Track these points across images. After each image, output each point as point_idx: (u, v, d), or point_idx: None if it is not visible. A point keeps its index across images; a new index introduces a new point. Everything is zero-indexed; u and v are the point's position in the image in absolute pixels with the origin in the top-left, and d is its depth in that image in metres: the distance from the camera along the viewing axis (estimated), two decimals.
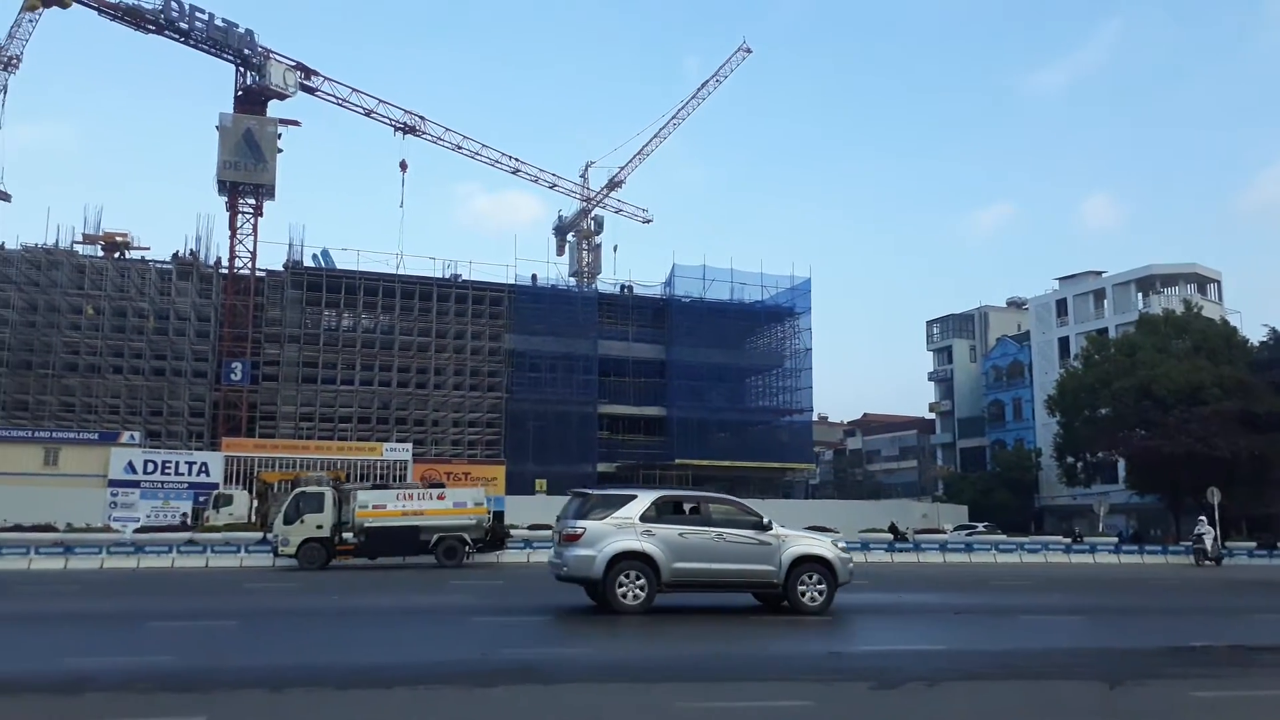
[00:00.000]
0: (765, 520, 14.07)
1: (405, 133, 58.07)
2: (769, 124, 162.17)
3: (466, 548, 25.31)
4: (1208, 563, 32.79)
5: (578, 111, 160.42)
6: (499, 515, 27.57)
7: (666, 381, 57.37)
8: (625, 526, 13.31)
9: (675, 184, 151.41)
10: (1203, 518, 34.70)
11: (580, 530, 13.29)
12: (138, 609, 15.52)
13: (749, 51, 67.14)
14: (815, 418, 66.65)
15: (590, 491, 14.75)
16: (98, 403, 48.61)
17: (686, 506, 14.27)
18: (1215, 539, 34.27)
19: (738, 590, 14.53)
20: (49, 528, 27.08)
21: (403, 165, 58.06)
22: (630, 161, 68.31)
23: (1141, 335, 48.36)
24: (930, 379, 79.10)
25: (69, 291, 49.30)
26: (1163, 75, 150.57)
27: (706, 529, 13.68)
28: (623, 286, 60.57)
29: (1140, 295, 64.07)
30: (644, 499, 13.82)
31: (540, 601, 16.81)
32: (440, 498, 26.33)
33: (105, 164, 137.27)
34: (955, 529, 37.80)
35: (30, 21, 50.75)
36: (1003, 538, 35.61)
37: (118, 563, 24.93)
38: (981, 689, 8.99)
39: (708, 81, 67.50)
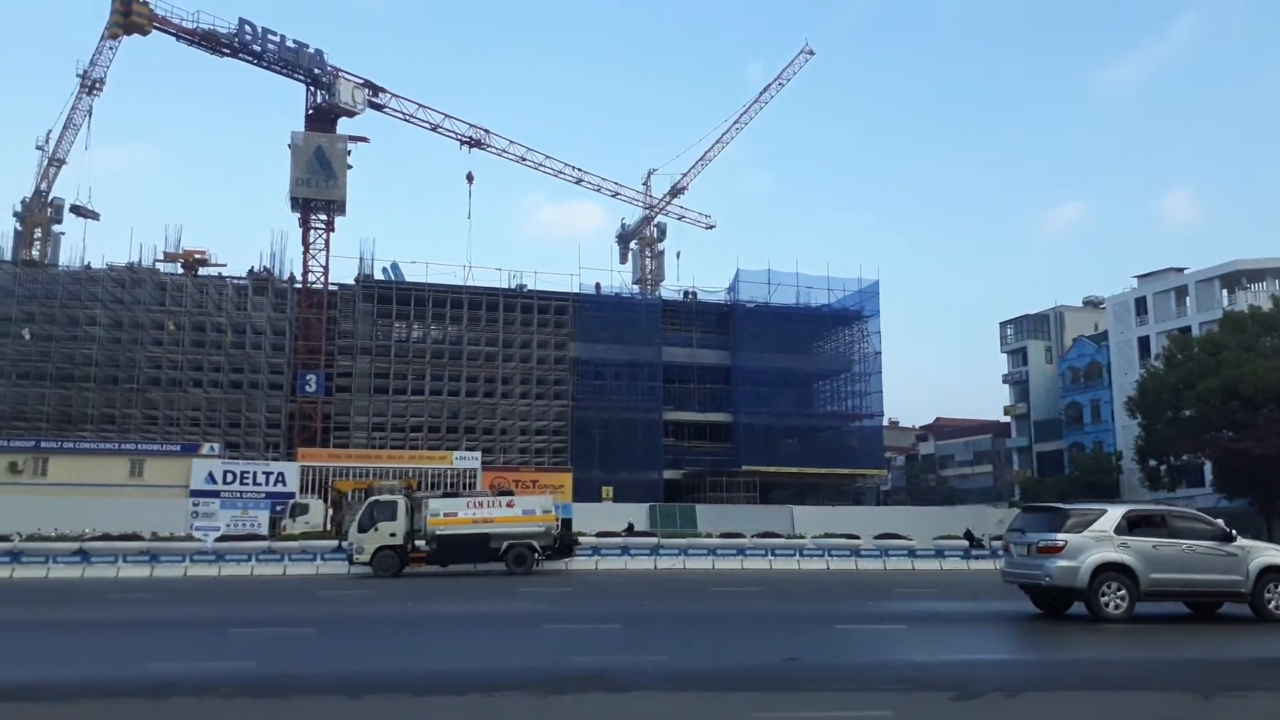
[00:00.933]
0: (1230, 532, 14.60)
1: (472, 146, 58.92)
2: (832, 126, 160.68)
3: (536, 555, 25.43)
4: None
5: (640, 119, 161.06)
6: (567, 523, 27.67)
7: (732, 387, 57.03)
8: (1102, 539, 13.97)
9: (738, 189, 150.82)
10: None
11: (1061, 543, 13.94)
12: (220, 615, 15.93)
13: (811, 54, 66.65)
14: (886, 422, 65.58)
15: (1063, 506, 15.59)
16: (179, 415, 50.22)
17: (1153, 519, 14.84)
18: None
19: (1208, 600, 14.79)
20: (135, 536, 27.99)
21: (469, 177, 58.99)
22: (692, 168, 68.35)
23: (1227, 333, 46.49)
24: (1004, 381, 77.25)
25: (151, 308, 51.07)
26: (1241, 66, 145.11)
27: (1177, 541, 14.21)
28: (686, 293, 60.47)
29: (1225, 292, 61.63)
30: (1114, 513, 14.55)
31: (610, 609, 16.80)
32: (509, 505, 26.51)
33: (184, 183, 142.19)
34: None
35: (110, 49, 52.88)
36: None
37: (200, 570, 25.64)
38: (1066, 700, 8.69)
39: (770, 85, 67.18)
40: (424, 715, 7.95)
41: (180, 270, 53.39)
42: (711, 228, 70.23)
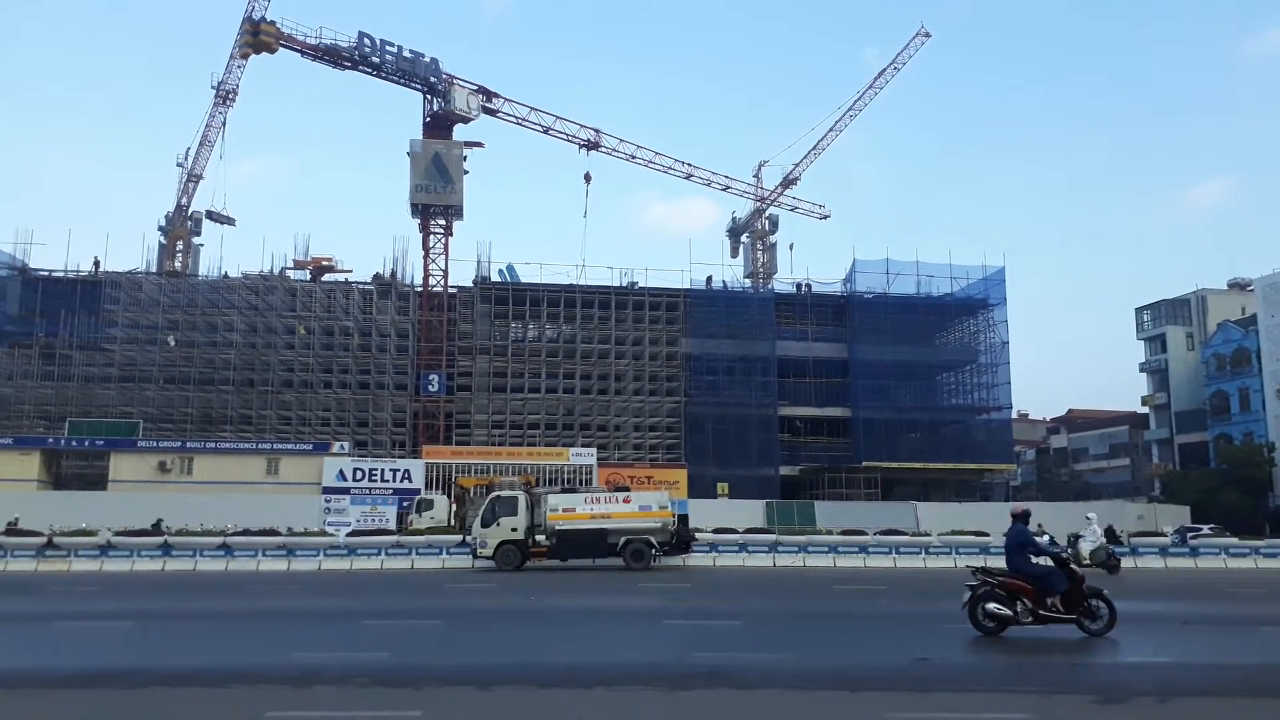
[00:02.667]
0: None
1: (590, 149, 59.51)
2: (950, 109, 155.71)
3: (653, 550, 25.45)
4: None
5: (750, 112, 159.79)
6: (683, 518, 27.57)
7: (850, 381, 55.83)
8: None
9: (852, 178, 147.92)
10: None
11: None
12: (353, 608, 16.51)
13: (928, 36, 64.68)
14: (1014, 415, 63.06)
15: None
16: (311, 415, 52.55)
17: None
18: None
19: None
20: (273, 532, 29.31)
21: (587, 177, 59.66)
22: (805, 158, 67.32)
23: None
24: (1142, 370, 73.34)
25: (283, 314, 53.60)
26: None
27: None
28: (800, 285, 59.58)
29: None
30: None
31: (730, 606, 16.66)
32: (626, 501, 26.58)
33: (311, 193, 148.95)
34: (1175, 531, 34.59)
35: (239, 68, 55.78)
36: (1234, 541, 32.24)
37: (333, 564, 26.67)
38: (1219, 707, 8.12)
39: (885, 70, 65.48)
40: (552, 707, 8.02)
41: (309, 277, 55.87)
42: (826, 218, 69.08)
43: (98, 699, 8.25)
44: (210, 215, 60.70)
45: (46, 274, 53.52)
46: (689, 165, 63.49)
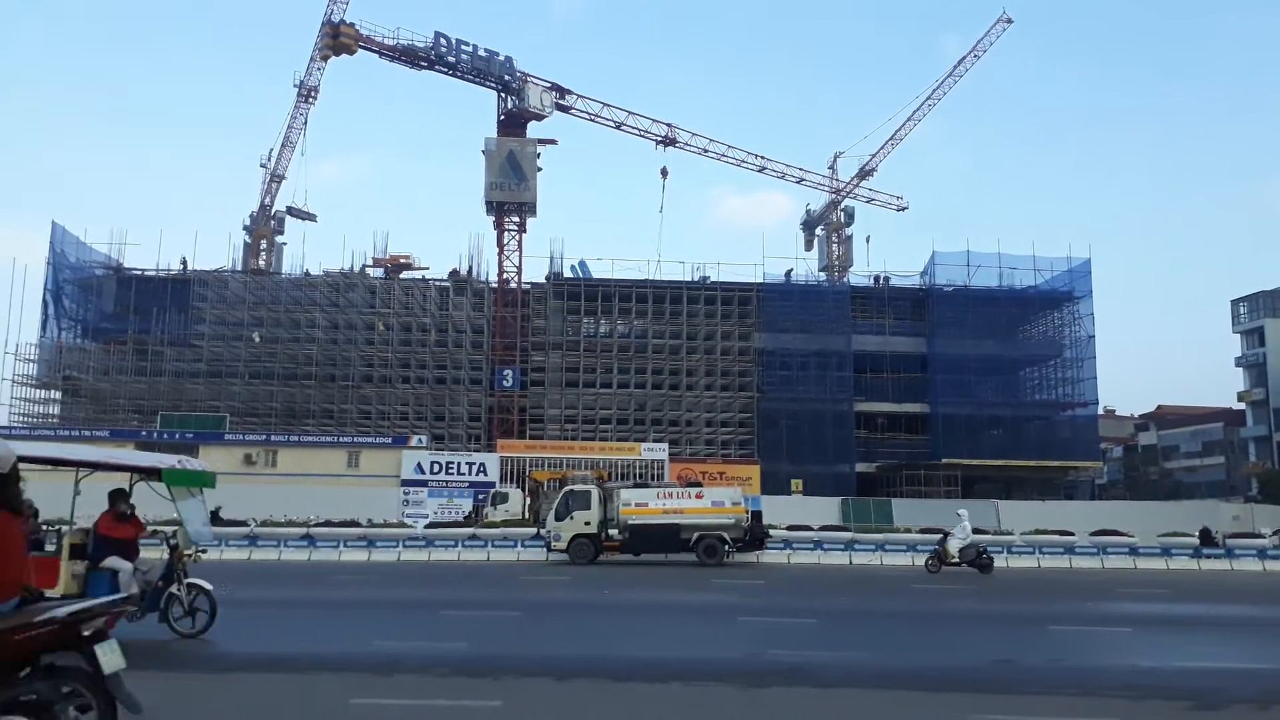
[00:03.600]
0: None
1: (669, 145, 59.50)
2: (1032, 97, 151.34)
3: (726, 547, 25.35)
4: None
5: (825, 102, 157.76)
6: (757, 515, 27.36)
7: (928, 376, 54.74)
8: None
9: (931, 168, 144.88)
10: None
11: None
12: (432, 598, 16.82)
13: (1009, 21, 62.95)
14: (1101, 411, 61.09)
15: None
16: (390, 410, 53.71)
17: None
18: None
19: None
20: (353, 523, 30.07)
21: (664, 172, 59.77)
22: (881, 148, 66.19)
23: None
24: (1238, 365, 70.34)
25: (363, 311, 54.88)
26: None
27: None
28: (876, 278, 58.64)
29: None
30: None
31: (805, 603, 16.48)
32: (699, 496, 26.51)
33: (389, 191, 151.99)
34: (1275, 533, 33.04)
35: (319, 70, 57.19)
36: None
37: (412, 555, 27.20)
38: None
39: (965, 57, 63.88)
40: (628, 701, 8.03)
41: (386, 274, 57.10)
42: (904, 209, 67.86)
43: (188, 683, 8.54)
44: (291, 211, 62.35)
45: (139, 273, 55.75)
46: (763, 158, 63.10)
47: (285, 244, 64.66)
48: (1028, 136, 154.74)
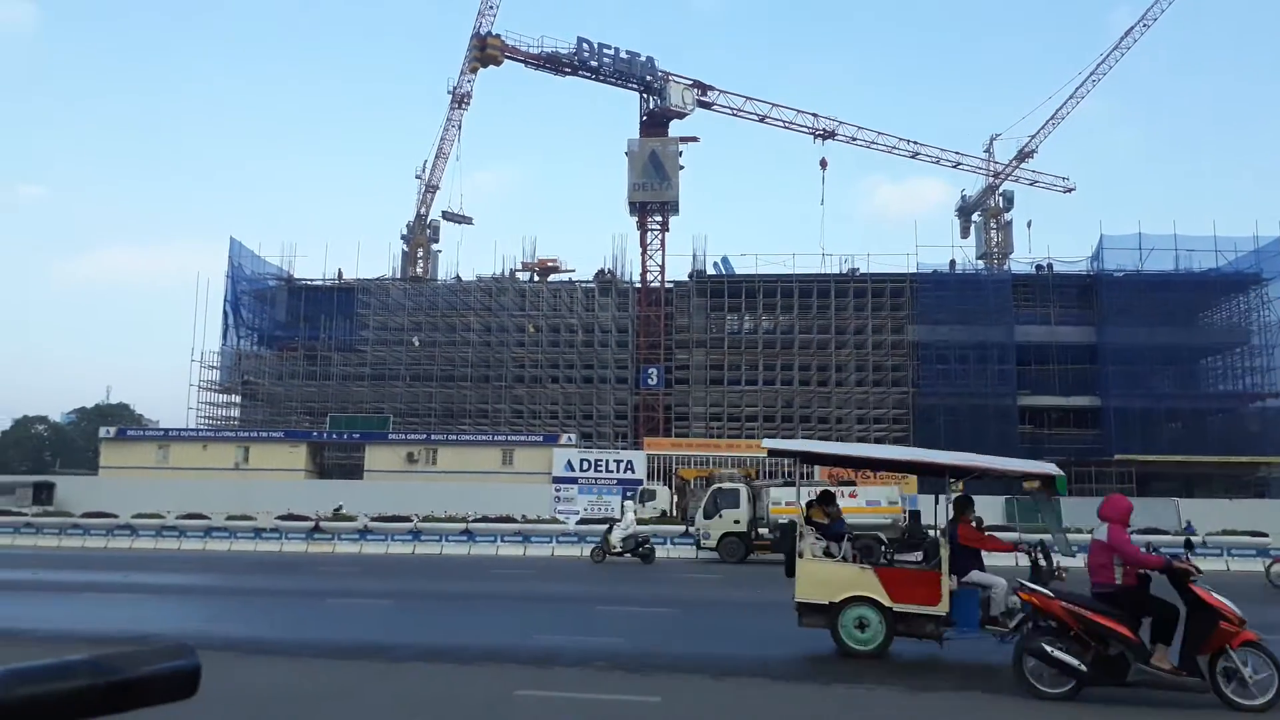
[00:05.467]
0: None
1: (826, 137, 58.51)
2: (1209, 66, 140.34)
3: (883, 547, 24.52)
4: None
5: (979, 83, 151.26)
6: (915, 514, 26.38)
7: (1099, 367, 51.45)
8: None
9: (1096, 148, 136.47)
10: None
11: None
12: (587, 593, 16.98)
13: None
14: None
15: None
16: (540, 409, 55.05)
17: None
18: None
19: None
20: (509, 519, 30.93)
21: (823, 163, 58.72)
22: (1041, 128, 62.78)
23: None
24: None
25: (514, 314, 56.46)
26: None
27: None
28: (1038, 265, 55.64)
29: None
30: None
31: None
32: (852, 495, 25.78)
33: (536, 197, 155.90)
34: None
35: (469, 81, 59.09)
36: None
37: (565, 550, 27.68)
38: None
39: (1133, 28, 59.75)
40: (788, 701, 7.78)
41: (530, 277, 58.57)
42: (1070, 190, 64.22)
43: (365, 670, 8.83)
44: (447, 215, 64.60)
45: (307, 283, 59.26)
46: (915, 144, 60.98)
47: (440, 251, 67.31)
48: (1203, 109, 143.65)
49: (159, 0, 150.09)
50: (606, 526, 25.43)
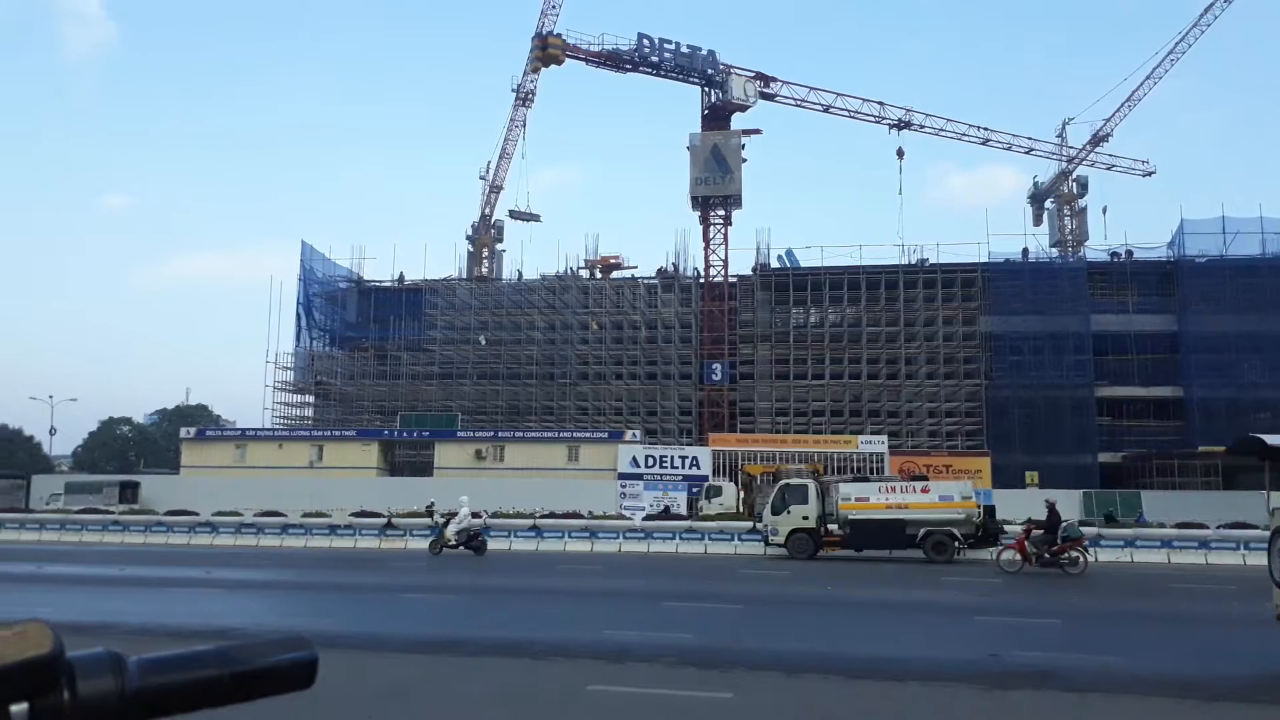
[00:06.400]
0: None
1: (899, 127, 57.52)
2: None
3: (956, 544, 24.11)
4: None
5: (1050, 66, 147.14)
6: (989, 510, 25.81)
7: (1180, 357, 49.68)
8: None
9: (1174, 130, 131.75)
10: None
11: None
12: (653, 589, 17.00)
13: None
14: None
15: None
16: (605, 405, 55.21)
17: None
18: None
19: None
20: (575, 515, 31.14)
21: (899, 153, 57.73)
22: (1116, 111, 60.64)
23: None
24: None
25: (577, 311, 56.73)
26: None
27: None
28: (1114, 253, 53.92)
29: None
30: None
31: (1047, 603, 15.41)
32: (924, 491, 25.40)
33: (598, 194, 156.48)
34: None
35: (531, 82, 59.51)
36: None
37: (631, 546, 27.78)
38: None
39: (1213, 4, 57.40)
40: (864, 699, 7.69)
41: (589, 274, 58.79)
42: (1150, 174, 62.03)
43: (441, 664, 8.99)
44: (514, 214, 65.07)
45: (377, 285, 60.43)
46: (985, 130, 59.47)
47: (504, 251, 67.97)
48: None
49: (228, 17, 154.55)
50: (444, 520, 25.70)
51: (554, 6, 55.51)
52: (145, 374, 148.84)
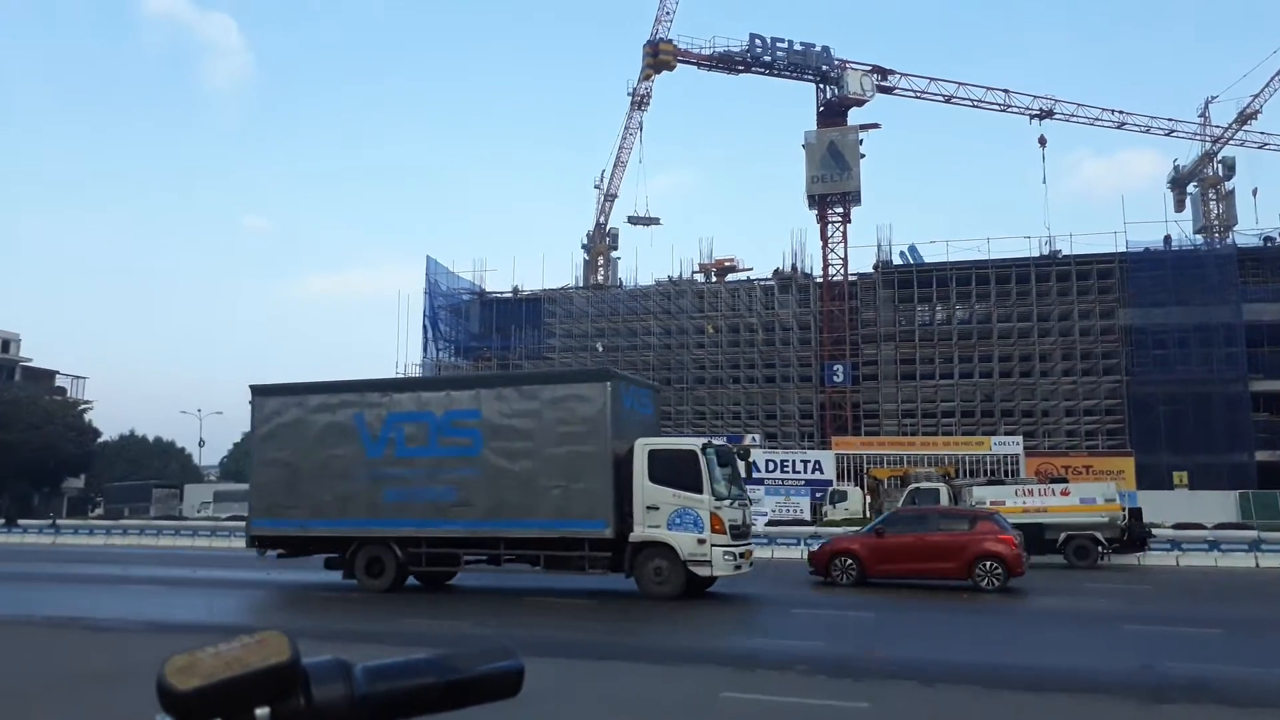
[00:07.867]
0: None
1: (1041, 117, 55.22)
2: None
3: (1100, 548, 22.95)
4: None
5: (1189, 43, 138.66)
6: (1136, 512, 24.50)
7: None
8: None
9: None
10: None
11: None
12: (780, 596, 16.75)
13: None
14: None
15: None
16: (723, 410, 55.03)
17: None
18: None
19: None
20: None
21: (1041, 140, 55.64)
22: (1266, 85, 56.48)
23: None
24: None
25: (692, 315, 56.81)
26: None
27: None
28: (1267, 238, 50.46)
29: None
30: None
31: (1204, 612, 14.54)
32: (1064, 493, 24.35)
33: (712, 197, 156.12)
34: None
35: (645, 89, 59.94)
36: None
37: (758, 553, 27.38)
38: None
39: None
40: (1005, 710, 7.40)
41: (704, 278, 58.69)
42: None
43: (574, 670, 9.04)
44: (633, 220, 65.52)
45: (498, 296, 62.05)
46: (1121, 113, 56.44)
47: (619, 258, 68.67)
48: None
49: (354, 45, 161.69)
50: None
51: (668, 13, 55.79)
52: None
